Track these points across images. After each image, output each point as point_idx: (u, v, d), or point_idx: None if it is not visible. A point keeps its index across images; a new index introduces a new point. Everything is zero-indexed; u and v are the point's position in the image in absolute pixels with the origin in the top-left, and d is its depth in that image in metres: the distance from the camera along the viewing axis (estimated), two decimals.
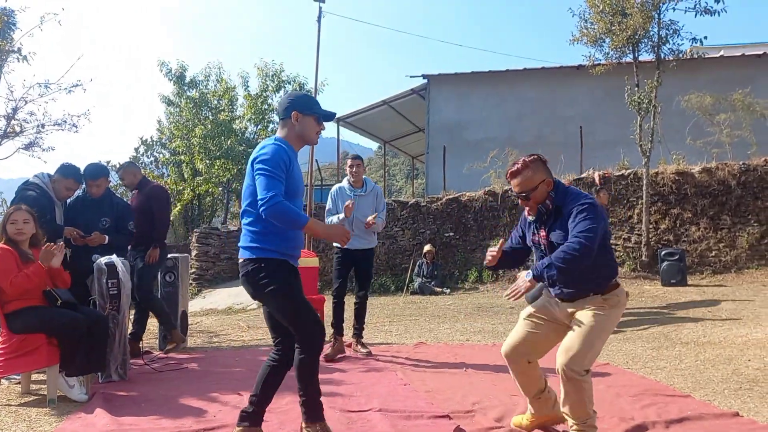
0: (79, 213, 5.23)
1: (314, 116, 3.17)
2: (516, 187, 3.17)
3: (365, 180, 5.83)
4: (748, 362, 4.98)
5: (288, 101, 3.18)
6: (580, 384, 2.95)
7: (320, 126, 3.22)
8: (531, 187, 3.11)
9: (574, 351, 2.95)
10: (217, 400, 4.11)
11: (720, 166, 12.06)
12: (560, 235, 3.07)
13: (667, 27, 11.49)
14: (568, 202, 3.08)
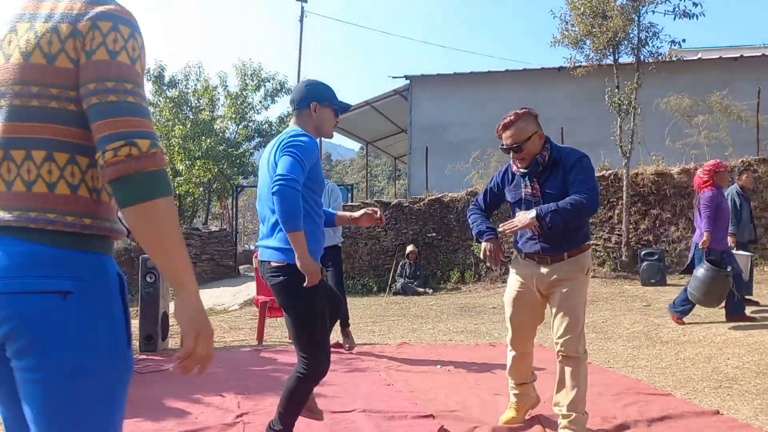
0: None
1: (333, 108, 2.95)
2: (508, 139, 3.13)
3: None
4: (727, 360, 5.05)
5: (306, 90, 2.94)
6: (580, 363, 3.02)
7: (337, 118, 3.02)
8: (523, 138, 3.09)
9: (565, 330, 3.02)
10: (199, 401, 4.07)
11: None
12: (557, 185, 3.06)
13: (647, 29, 11.62)
14: (566, 154, 3.10)
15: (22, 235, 1.24)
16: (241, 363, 5.40)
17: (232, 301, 11.28)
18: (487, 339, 6.56)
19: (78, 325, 1.23)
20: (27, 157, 1.26)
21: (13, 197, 1.26)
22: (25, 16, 1.30)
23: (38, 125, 1.26)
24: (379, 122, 19.90)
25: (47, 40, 1.25)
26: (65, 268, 1.24)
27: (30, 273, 1.22)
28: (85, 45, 1.24)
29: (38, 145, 1.26)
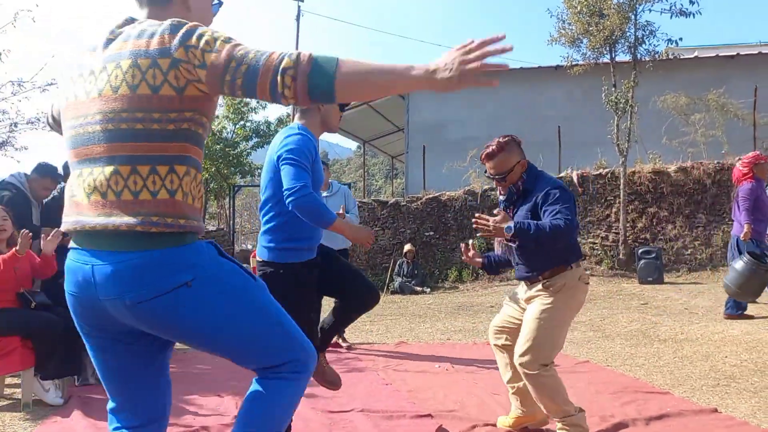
0: (56, 212, 5.13)
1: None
2: (491, 169, 3.15)
3: (331, 183, 5.96)
4: (725, 359, 5.05)
5: None
6: (537, 379, 2.95)
7: (341, 113, 2.98)
8: (507, 169, 3.11)
9: (523, 349, 2.97)
10: (195, 402, 4.06)
11: (695, 165, 12.24)
12: (522, 217, 3.07)
13: (644, 28, 11.65)
14: (538, 185, 3.08)
15: (138, 243, 1.51)
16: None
17: None
18: (485, 338, 6.56)
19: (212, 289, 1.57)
20: (133, 171, 1.51)
21: (122, 205, 1.51)
22: (123, 54, 1.52)
23: (142, 144, 1.50)
24: (377, 121, 19.89)
25: (152, 74, 1.48)
26: (179, 265, 1.53)
27: (164, 273, 1.51)
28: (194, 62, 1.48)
29: (143, 161, 1.50)
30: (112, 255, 1.51)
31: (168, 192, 1.52)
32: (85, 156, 1.56)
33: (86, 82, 1.57)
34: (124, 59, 1.51)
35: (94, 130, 1.53)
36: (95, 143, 1.54)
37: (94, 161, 1.54)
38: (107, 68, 1.54)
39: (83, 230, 1.55)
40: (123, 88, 1.50)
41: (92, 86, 1.56)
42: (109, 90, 1.52)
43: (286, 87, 1.45)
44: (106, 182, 1.51)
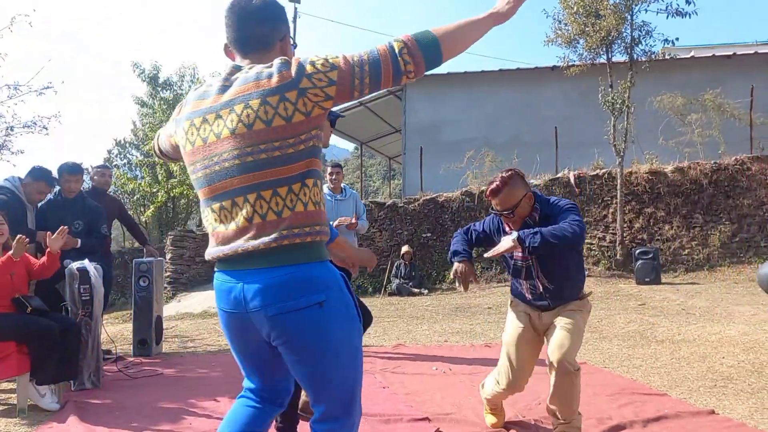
0: (52, 216, 5.12)
1: (328, 118, 2.77)
2: (498, 205, 3.12)
3: (344, 187, 5.96)
4: (723, 359, 5.05)
5: None
6: (574, 378, 2.98)
7: (332, 129, 2.75)
8: (514, 204, 3.08)
9: (567, 346, 2.99)
10: (194, 406, 4.04)
11: (692, 165, 12.26)
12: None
13: (640, 28, 11.67)
14: (555, 208, 3.10)
15: (280, 260, 1.70)
16: (235, 366, 5.37)
17: None
18: (482, 340, 6.56)
19: (334, 320, 1.75)
20: (274, 194, 1.71)
21: (263, 228, 1.70)
22: (251, 95, 1.71)
23: (269, 170, 1.70)
24: (374, 122, 19.89)
25: (283, 107, 1.68)
26: (316, 281, 1.72)
27: (301, 292, 1.70)
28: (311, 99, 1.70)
29: (271, 184, 1.70)
30: (261, 273, 1.72)
31: (303, 204, 1.73)
32: (223, 190, 1.76)
33: (213, 125, 1.77)
34: (253, 99, 1.71)
35: (232, 165, 1.73)
36: (233, 176, 1.73)
37: (234, 192, 1.74)
38: (235, 110, 1.73)
39: (234, 255, 1.75)
40: (257, 123, 1.69)
41: (221, 128, 1.75)
42: (243, 128, 1.71)
43: (407, 63, 1.70)
44: (251, 208, 1.71)
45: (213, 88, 1.81)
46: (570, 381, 2.97)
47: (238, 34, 1.87)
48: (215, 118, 1.77)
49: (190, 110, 1.84)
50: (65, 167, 5.28)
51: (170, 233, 14.81)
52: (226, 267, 1.80)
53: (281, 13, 1.92)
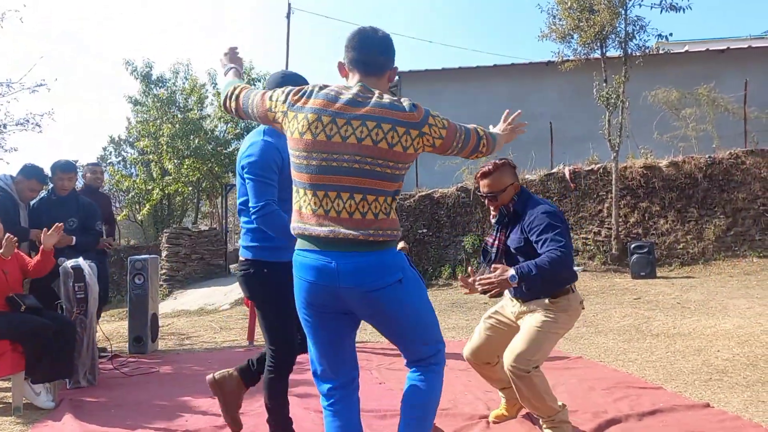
0: (45, 214, 5.10)
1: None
2: (485, 187, 3.26)
3: None
4: (717, 353, 5.07)
5: (276, 83, 2.75)
6: (529, 380, 2.98)
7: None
8: (500, 189, 3.22)
9: (519, 351, 3.00)
10: (189, 404, 4.04)
11: (686, 159, 12.28)
12: (516, 240, 3.16)
13: (634, 23, 11.66)
14: (528, 209, 3.14)
15: (369, 248, 2.13)
16: (232, 364, 5.35)
17: (222, 300, 11.23)
18: None
19: (409, 288, 2.23)
20: (375, 200, 2.15)
21: (361, 223, 2.12)
22: (385, 119, 2.13)
23: (377, 181, 2.14)
24: None
25: (405, 139, 2.15)
26: (396, 264, 2.20)
27: (386, 273, 2.16)
28: (425, 142, 2.22)
29: (375, 192, 2.14)
30: (353, 256, 2.12)
31: (388, 214, 2.18)
32: (332, 182, 2.13)
33: (341, 129, 2.13)
34: (385, 123, 2.13)
35: (350, 166, 2.12)
36: (345, 175, 2.12)
37: (341, 188, 2.13)
38: (367, 125, 2.12)
39: (331, 237, 2.12)
40: (383, 143, 2.12)
41: (349, 134, 2.13)
42: (369, 141, 2.12)
43: (484, 146, 2.44)
44: (355, 205, 2.12)
45: (342, 97, 2.17)
46: (526, 383, 2.98)
47: (362, 57, 2.26)
48: (345, 123, 2.13)
49: (318, 106, 2.16)
50: (58, 165, 5.26)
51: (166, 231, 14.79)
52: (318, 246, 2.15)
53: (394, 50, 2.35)
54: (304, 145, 2.16)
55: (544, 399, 3.02)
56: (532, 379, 2.98)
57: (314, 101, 2.18)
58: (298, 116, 2.18)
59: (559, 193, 12.30)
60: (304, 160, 2.17)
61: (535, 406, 3.05)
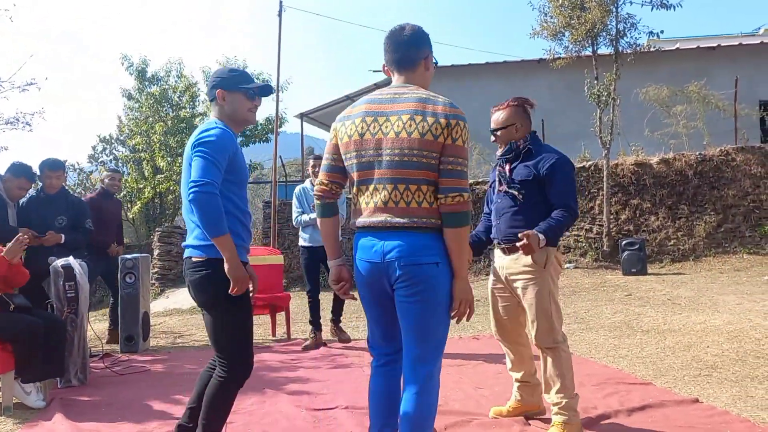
0: (34, 212, 5.09)
1: (242, 92, 2.76)
2: (493, 122, 3.42)
3: None
4: (707, 349, 5.11)
5: (211, 80, 2.81)
6: (559, 352, 3.13)
7: (253, 102, 2.81)
8: (507, 124, 3.35)
9: (540, 328, 3.15)
10: (181, 402, 4.03)
11: (677, 156, 12.34)
12: (524, 174, 3.25)
13: (625, 21, 11.70)
14: (543, 151, 3.30)
15: (413, 231, 2.30)
16: None
17: None
18: (470, 332, 6.59)
19: (443, 280, 2.33)
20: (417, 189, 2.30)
21: (405, 211, 2.31)
22: (418, 111, 2.29)
23: (416, 171, 2.28)
24: None
25: (435, 128, 2.26)
26: (435, 249, 2.31)
27: (424, 253, 2.29)
28: (452, 133, 2.28)
29: (416, 181, 2.30)
30: (398, 236, 2.31)
31: (428, 203, 2.31)
32: (376, 176, 2.33)
33: (382, 125, 2.33)
34: (418, 115, 2.29)
35: (391, 159, 2.30)
36: (387, 168, 2.31)
37: (387, 180, 2.31)
38: (402, 118, 2.30)
39: (381, 225, 2.33)
40: (415, 133, 2.27)
41: (388, 129, 2.32)
42: (404, 133, 2.28)
43: (464, 201, 2.30)
44: (399, 195, 2.31)
45: (382, 96, 2.39)
46: (557, 355, 3.13)
47: (394, 56, 2.45)
48: (385, 120, 2.33)
49: (363, 110, 2.38)
50: (46, 163, 5.23)
51: (158, 229, 14.73)
52: (371, 231, 2.37)
53: (425, 38, 2.46)
54: (353, 146, 2.37)
55: (566, 375, 3.13)
56: (560, 352, 3.13)
57: (360, 107, 2.41)
58: (346, 123, 2.42)
59: None
60: (355, 159, 2.37)
61: (559, 380, 3.12)
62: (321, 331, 6.02)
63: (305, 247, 5.94)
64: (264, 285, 6.69)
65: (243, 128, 2.90)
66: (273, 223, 12.43)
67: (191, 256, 2.66)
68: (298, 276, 12.37)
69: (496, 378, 4.40)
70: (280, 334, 6.74)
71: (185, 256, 2.72)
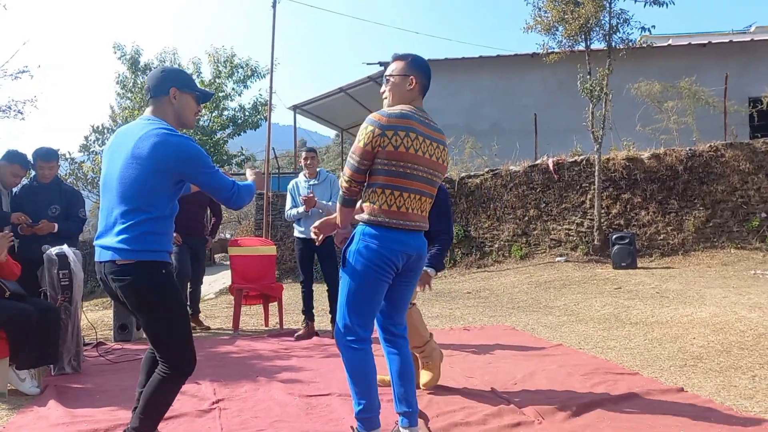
0: (27, 201, 5.09)
1: (194, 94, 2.77)
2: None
3: (319, 171, 6.12)
4: (693, 340, 5.19)
5: (162, 75, 2.72)
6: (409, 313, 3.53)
7: (199, 107, 2.82)
8: None
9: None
10: None
11: (668, 152, 12.44)
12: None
13: (618, 16, 11.78)
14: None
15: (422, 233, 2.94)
16: (218, 352, 5.42)
17: (207, 289, 11.22)
18: (461, 323, 6.66)
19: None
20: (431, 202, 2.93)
21: (424, 218, 2.90)
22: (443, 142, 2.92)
23: (434, 189, 2.91)
24: (354, 109, 19.86)
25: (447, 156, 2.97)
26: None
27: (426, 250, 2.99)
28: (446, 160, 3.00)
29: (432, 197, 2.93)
30: (419, 237, 2.90)
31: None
32: (423, 189, 2.82)
33: (431, 147, 2.82)
34: (443, 145, 2.91)
35: (433, 178, 2.86)
36: (428, 184, 2.84)
37: (425, 194, 2.84)
38: (439, 147, 2.87)
39: (415, 227, 2.83)
40: (441, 160, 2.89)
41: (436, 152, 2.85)
42: (441, 160, 2.89)
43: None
44: (429, 205, 2.91)
45: (423, 119, 2.84)
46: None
47: (427, 84, 2.98)
48: (431, 143, 2.82)
49: (418, 127, 2.77)
50: (39, 153, 5.13)
51: None
52: (406, 230, 2.80)
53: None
54: (408, 158, 2.74)
55: (420, 333, 3.68)
56: (410, 317, 3.56)
57: (409, 120, 2.77)
58: (399, 131, 2.72)
59: (543, 184, 12.41)
60: (408, 170, 2.75)
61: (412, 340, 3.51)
62: (313, 321, 6.07)
63: (300, 238, 5.99)
64: (257, 275, 6.73)
65: (180, 130, 2.75)
66: (265, 215, 12.44)
67: (114, 260, 2.54)
68: (290, 267, 12.40)
69: (485, 368, 4.47)
70: (273, 325, 6.79)
71: (103, 259, 2.58)
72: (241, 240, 7.46)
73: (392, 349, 3.00)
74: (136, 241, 2.52)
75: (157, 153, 2.51)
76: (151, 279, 2.54)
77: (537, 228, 12.25)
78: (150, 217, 2.55)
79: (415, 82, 2.88)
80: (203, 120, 17.90)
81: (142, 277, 2.52)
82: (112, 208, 2.58)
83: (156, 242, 2.57)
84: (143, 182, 2.52)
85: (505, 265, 11.75)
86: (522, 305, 7.88)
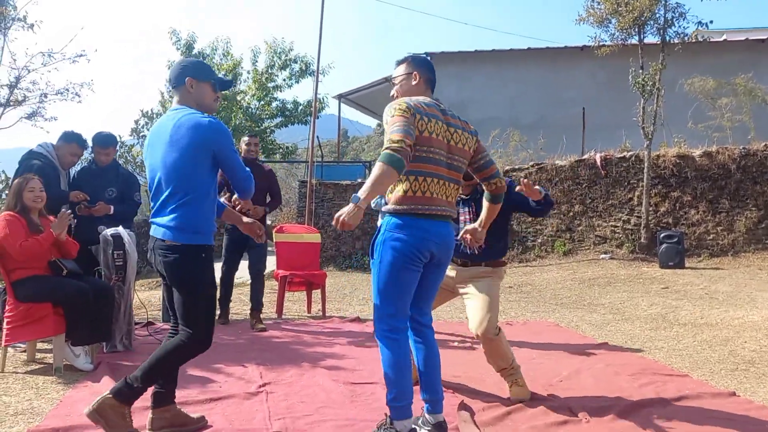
0: (85, 183, 5.22)
1: (210, 82, 2.99)
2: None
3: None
4: (744, 344, 5.05)
5: (180, 67, 2.96)
6: (497, 342, 3.54)
7: (217, 94, 3.03)
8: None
9: (486, 321, 3.52)
10: (221, 371, 4.16)
11: (720, 150, 12.07)
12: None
13: (674, 10, 11.44)
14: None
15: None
16: (261, 335, 5.51)
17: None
18: (503, 317, 6.61)
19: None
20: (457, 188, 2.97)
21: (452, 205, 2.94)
22: (465, 129, 2.97)
23: (460, 174, 2.95)
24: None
25: (472, 142, 3.00)
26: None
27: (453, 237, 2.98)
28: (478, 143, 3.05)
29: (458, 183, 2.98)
30: (447, 225, 2.90)
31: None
32: (449, 175, 2.86)
33: (453, 134, 2.89)
34: (466, 132, 2.95)
35: (458, 164, 2.91)
36: (454, 170, 2.89)
37: (448, 179, 2.85)
38: (462, 134, 2.92)
39: (441, 212, 2.83)
40: (467, 146, 2.94)
41: (459, 139, 2.90)
42: (466, 147, 2.94)
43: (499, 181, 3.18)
44: (453, 192, 2.92)
45: (439, 109, 2.89)
46: (495, 344, 3.55)
47: (432, 77, 3.04)
48: (454, 131, 2.89)
49: (438, 114, 2.86)
50: (97, 139, 5.24)
51: None
52: (433, 218, 2.80)
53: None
54: (432, 142, 2.78)
55: (505, 354, 3.58)
56: (499, 339, 3.54)
57: (431, 109, 2.84)
58: (423, 118, 2.77)
59: (590, 180, 12.20)
60: (432, 154, 2.79)
61: (498, 360, 3.59)
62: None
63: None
64: (301, 262, 6.80)
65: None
66: (308, 203, 12.56)
67: (164, 239, 2.83)
68: (331, 255, 12.50)
69: (529, 363, 4.43)
70: (315, 311, 6.86)
71: (156, 235, 2.87)
72: (286, 227, 7.53)
73: (418, 338, 3.02)
74: (183, 223, 2.81)
75: (194, 134, 2.79)
76: (190, 262, 2.84)
77: (582, 224, 12.06)
78: (194, 197, 2.83)
79: (419, 77, 2.98)
80: (252, 107, 18.09)
81: (183, 259, 2.82)
82: (161, 192, 2.86)
83: (200, 224, 2.85)
84: (183, 165, 2.80)
85: (548, 260, 11.61)
86: (565, 302, 7.79)
